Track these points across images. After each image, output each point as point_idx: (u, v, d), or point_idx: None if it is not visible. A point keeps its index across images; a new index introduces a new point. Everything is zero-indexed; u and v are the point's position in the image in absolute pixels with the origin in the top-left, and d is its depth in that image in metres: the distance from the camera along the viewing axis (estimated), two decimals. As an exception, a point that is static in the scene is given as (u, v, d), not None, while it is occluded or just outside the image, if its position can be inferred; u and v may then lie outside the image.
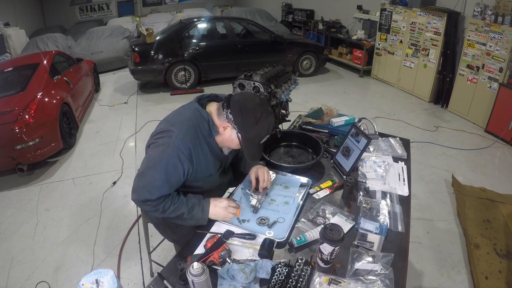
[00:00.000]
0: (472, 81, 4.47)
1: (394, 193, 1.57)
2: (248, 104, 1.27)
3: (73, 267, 2.34)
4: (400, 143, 2.00)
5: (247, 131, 1.27)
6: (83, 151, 3.97)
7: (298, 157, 1.92)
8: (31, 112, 3.32)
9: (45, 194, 3.18)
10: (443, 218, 2.74)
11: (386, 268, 1.13)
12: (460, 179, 3.14)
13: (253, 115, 1.25)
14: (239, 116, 1.25)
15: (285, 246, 1.28)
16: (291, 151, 1.98)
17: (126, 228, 2.67)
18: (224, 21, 6.08)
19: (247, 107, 1.26)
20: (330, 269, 1.16)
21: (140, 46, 5.51)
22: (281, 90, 3.00)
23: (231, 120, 1.27)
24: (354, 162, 1.66)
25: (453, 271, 2.25)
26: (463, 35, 4.66)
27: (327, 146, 1.98)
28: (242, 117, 1.25)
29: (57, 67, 4.50)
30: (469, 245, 2.35)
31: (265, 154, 1.83)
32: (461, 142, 4.02)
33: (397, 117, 4.71)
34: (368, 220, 1.37)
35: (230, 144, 1.37)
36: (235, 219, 1.40)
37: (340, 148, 1.80)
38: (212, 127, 1.32)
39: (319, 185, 1.63)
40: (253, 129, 1.26)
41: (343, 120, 2.21)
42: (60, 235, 2.65)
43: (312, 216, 1.41)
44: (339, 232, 1.10)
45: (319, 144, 1.84)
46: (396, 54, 5.82)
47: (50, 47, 7.45)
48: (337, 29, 7.40)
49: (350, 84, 6.29)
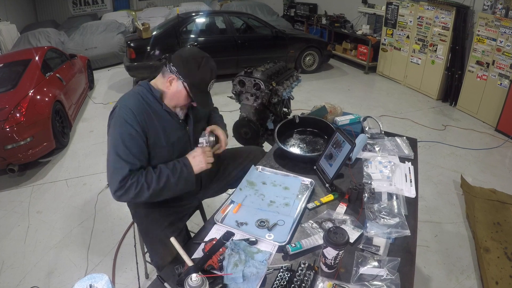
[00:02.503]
0: (482, 78, 4.46)
1: (401, 195, 1.56)
2: (187, 53, 1.40)
3: (66, 272, 2.34)
4: (407, 142, 1.99)
5: (191, 77, 1.38)
6: (77, 151, 3.97)
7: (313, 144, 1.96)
8: (22, 110, 3.32)
9: (37, 195, 3.19)
10: (451, 221, 2.74)
11: (393, 273, 1.13)
12: (469, 180, 3.14)
13: (194, 60, 1.38)
14: (181, 66, 1.37)
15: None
16: (306, 138, 2.04)
17: (121, 231, 2.67)
18: (224, 15, 6.09)
19: (187, 55, 1.39)
20: (334, 274, 1.15)
21: (136, 42, 5.51)
22: (282, 88, 3.01)
23: (174, 71, 1.38)
24: (337, 169, 1.59)
25: (462, 276, 2.25)
26: (472, 30, 4.65)
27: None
28: (183, 65, 1.37)
29: (50, 64, 4.50)
30: (479, 249, 2.34)
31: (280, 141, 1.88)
32: (471, 141, 4.01)
33: (403, 115, 4.71)
34: (375, 224, 1.36)
35: (179, 99, 1.43)
36: (234, 222, 1.40)
37: (324, 153, 1.74)
38: (154, 91, 1.42)
39: (319, 198, 1.53)
40: (197, 74, 1.38)
41: (347, 119, 2.20)
42: (53, 239, 2.65)
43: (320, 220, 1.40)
44: (343, 236, 1.10)
45: None
46: (402, 50, 5.82)
47: (42, 43, 7.46)
48: (341, 23, 7.40)
49: (354, 81, 6.28)
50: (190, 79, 1.38)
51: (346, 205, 1.49)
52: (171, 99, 1.44)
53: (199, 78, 1.39)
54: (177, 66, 1.37)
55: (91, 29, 8.03)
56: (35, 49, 4.79)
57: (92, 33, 7.86)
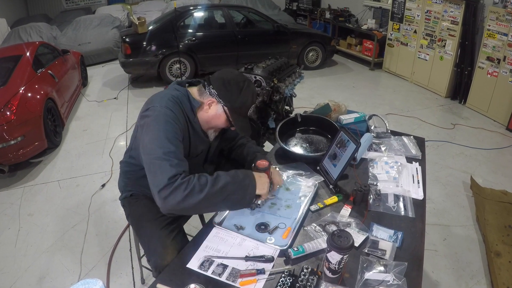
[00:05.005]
0: (492, 75, 4.46)
1: (408, 197, 1.56)
2: (228, 76, 1.39)
3: (59, 277, 2.34)
4: (414, 142, 1.99)
5: (233, 102, 1.38)
6: (70, 151, 3.97)
7: (316, 144, 1.95)
8: (12, 108, 3.32)
9: (28, 197, 3.19)
10: (461, 224, 2.74)
11: (399, 279, 1.13)
12: (479, 181, 3.13)
13: (236, 85, 1.38)
14: (222, 89, 1.37)
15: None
16: (309, 137, 2.04)
17: (116, 234, 2.67)
18: (223, 9, 6.08)
19: (229, 79, 1.38)
20: (338, 279, 1.15)
21: (131, 37, 5.52)
22: (284, 85, 3.01)
23: (215, 94, 1.38)
24: (341, 170, 1.59)
25: (471, 281, 2.25)
26: (482, 24, 4.64)
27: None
28: (225, 88, 1.37)
29: (41, 60, 4.50)
30: (489, 253, 2.34)
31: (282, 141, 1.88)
32: (481, 141, 4.01)
33: (410, 113, 4.71)
34: (381, 227, 1.37)
35: (217, 122, 1.44)
36: (232, 225, 1.39)
37: (327, 153, 1.74)
38: (193, 100, 1.41)
39: (322, 200, 1.53)
40: (238, 98, 1.38)
41: (352, 117, 2.20)
42: (45, 242, 2.65)
43: (324, 223, 1.40)
44: (348, 239, 1.10)
45: None
46: (410, 45, 5.81)
47: (33, 38, 7.45)
48: (346, 18, 7.40)
49: (359, 78, 6.28)
50: (231, 104, 1.38)
51: (351, 207, 1.49)
52: (209, 122, 1.44)
53: (240, 103, 1.39)
54: (218, 89, 1.37)
55: (85, 23, 8.02)
56: (26, 45, 4.79)
57: (86, 28, 7.85)
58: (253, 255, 1.24)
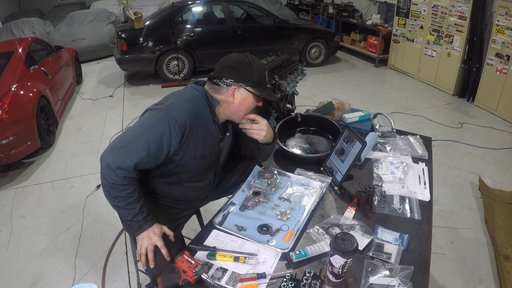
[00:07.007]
0: (501, 72, 4.45)
1: (414, 198, 1.56)
2: (232, 61, 1.45)
3: (52, 282, 2.34)
4: (421, 141, 1.99)
5: (251, 78, 1.42)
6: (63, 151, 3.97)
7: (317, 145, 1.94)
8: (4, 107, 3.32)
9: (20, 199, 3.19)
10: (469, 226, 2.74)
11: (405, 283, 1.13)
12: (488, 182, 3.13)
13: (243, 63, 1.43)
14: (236, 74, 1.41)
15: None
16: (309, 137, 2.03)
17: (112, 237, 2.67)
18: (222, 4, 6.08)
19: (234, 62, 1.44)
20: (342, 284, 1.15)
21: (127, 33, 5.52)
22: (286, 82, 3.00)
23: (232, 82, 1.41)
24: (347, 170, 1.59)
25: (480, 285, 2.24)
26: (491, 19, 4.64)
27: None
28: (238, 72, 1.41)
29: (34, 56, 4.50)
30: (498, 257, 2.34)
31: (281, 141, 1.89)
32: (489, 140, 4.01)
33: (417, 112, 4.70)
34: (386, 230, 1.36)
35: (248, 105, 1.47)
36: (233, 226, 1.39)
37: (332, 152, 1.74)
38: (211, 99, 1.43)
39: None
40: (254, 73, 1.43)
41: (356, 116, 2.20)
42: (37, 245, 2.65)
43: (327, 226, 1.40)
44: (352, 242, 1.10)
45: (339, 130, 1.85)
46: (416, 41, 5.81)
47: (26, 34, 7.47)
48: (350, 13, 7.39)
49: (364, 75, 6.28)
50: (251, 81, 1.43)
51: (355, 209, 1.49)
52: (239, 110, 1.47)
53: (257, 75, 1.44)
54: (232, 76, 1.41)
55: (79, 18, 8.03)
56: (18, 41, 4.79)
57: (80, 23, 7.86)
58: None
